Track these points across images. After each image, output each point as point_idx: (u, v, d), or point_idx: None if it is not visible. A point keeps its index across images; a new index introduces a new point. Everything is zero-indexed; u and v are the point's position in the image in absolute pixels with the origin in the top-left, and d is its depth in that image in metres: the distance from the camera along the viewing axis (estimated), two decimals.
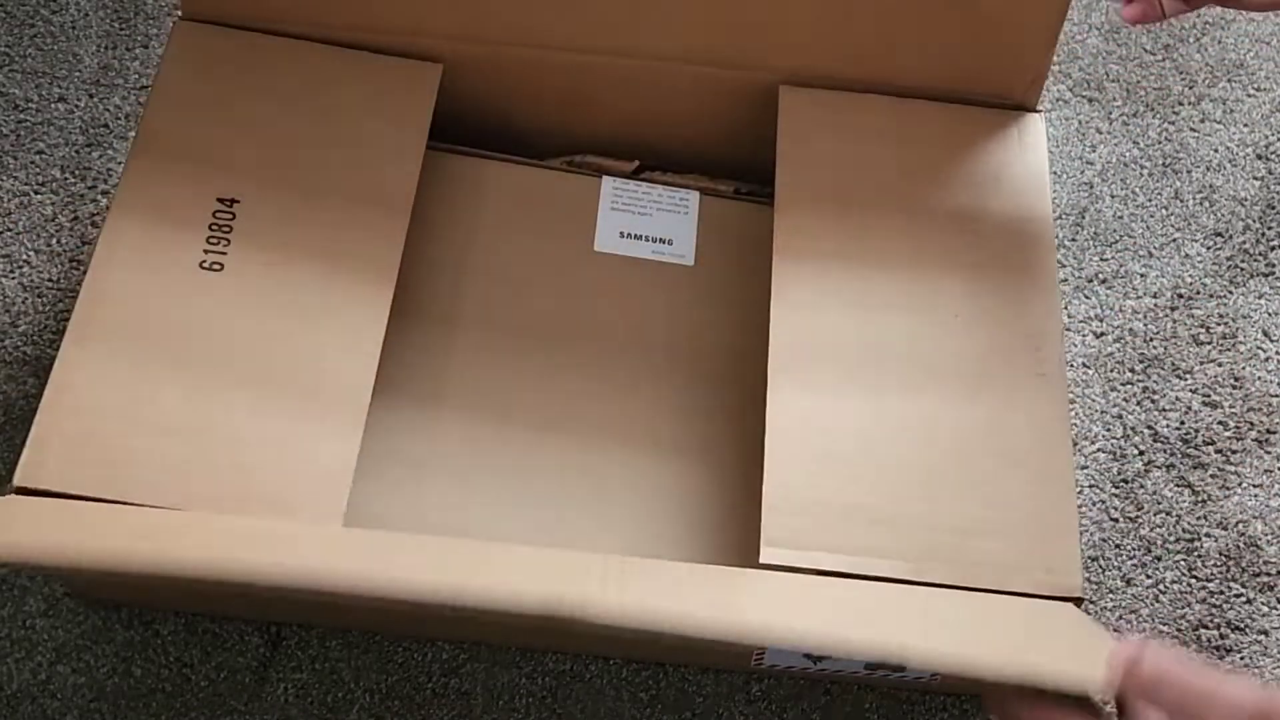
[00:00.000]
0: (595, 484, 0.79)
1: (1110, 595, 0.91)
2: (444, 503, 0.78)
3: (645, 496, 0.80)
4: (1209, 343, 1.00)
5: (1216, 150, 1.10)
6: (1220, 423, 0.97)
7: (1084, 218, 1.06)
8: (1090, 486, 0.94)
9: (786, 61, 0.86)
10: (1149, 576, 0.92)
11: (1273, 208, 1.07)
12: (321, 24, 0.84)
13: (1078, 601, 0.71)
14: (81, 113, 1.01)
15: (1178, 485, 0.95)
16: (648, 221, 0.89)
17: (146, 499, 0.68)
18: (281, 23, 0.83)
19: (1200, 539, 0.93)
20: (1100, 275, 1.03)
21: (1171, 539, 0.93)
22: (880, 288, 0.80)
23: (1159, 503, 0.94)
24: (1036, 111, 0.87)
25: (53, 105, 1.01)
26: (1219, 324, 1.01)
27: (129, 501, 0.67)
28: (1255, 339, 1.00)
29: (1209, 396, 0.98)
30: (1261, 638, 0.90)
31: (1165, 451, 0.96)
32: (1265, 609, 0.91)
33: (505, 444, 0.80)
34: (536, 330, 0.83)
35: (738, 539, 0.79)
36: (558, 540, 0.77)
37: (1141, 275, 1.03)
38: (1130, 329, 1.01)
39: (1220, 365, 0.99)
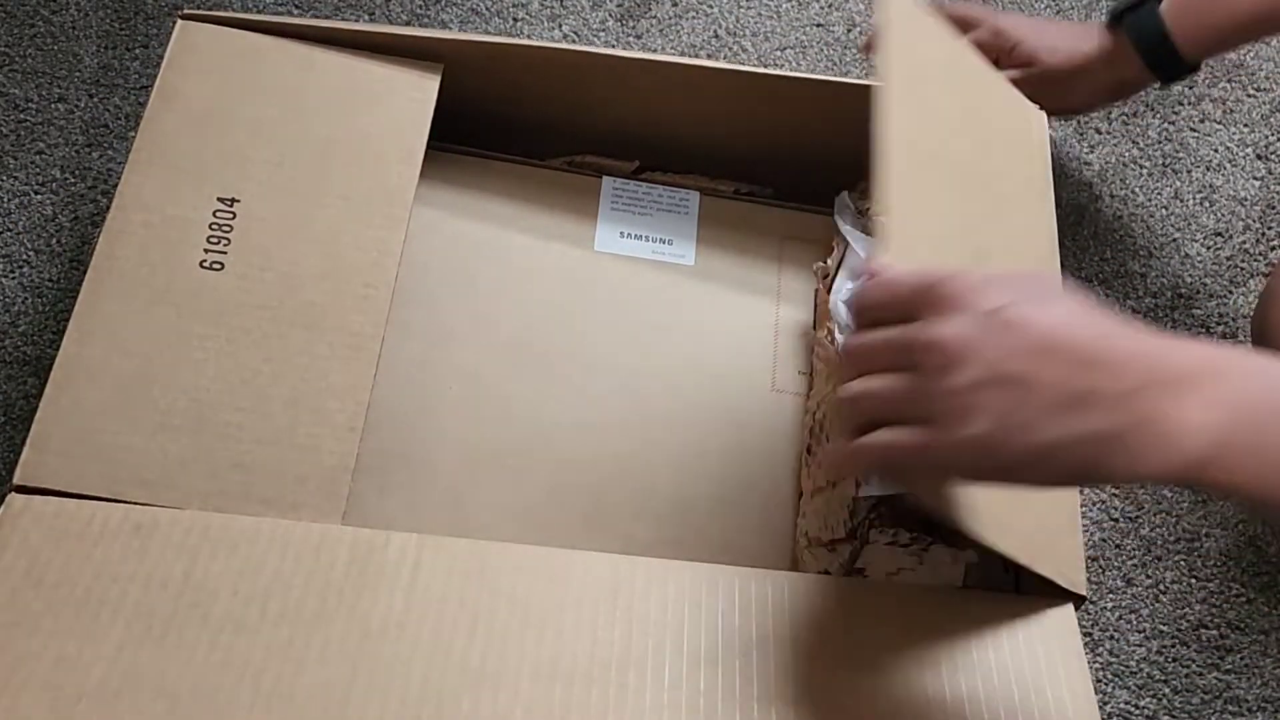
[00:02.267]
0: (593, 484, 0.79)
1: (1111, 595, 0.91)
2: (443, 503, 0.78)
3: (643, 497, 0.80)
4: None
5: (1216, 150, 1.10)
6: None
7: (1084, 218, 1.06)
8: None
9: None
10: (1149, 576, 0.92)
11: (1273, 208, 1.07)
12: (323, 24, 0.84)
13: (1079, 601, 0.71)
14: (81, 113, 1.01)
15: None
16: (648, 221, 0.89)
17: (146, 498, 0.68)
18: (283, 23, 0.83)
19: (1200, 539, 0.93)
20: (1100, 275, 1.03)
21: (1171, 539, 0.93)
22: None
23: (1159, 503, 0.94)
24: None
25: (53, 105, 1.01)
26: (1219, 324, 1.01)
27: (129, 501, 0.67)
28: None
29: None
30: (1261, 638, 0.90)
31: None
32: (1265, 609, 0.91)
33: (504, 444, 0.80)
34: (536, 330, 0.83)
35: (737, 540, 0.79)
36: (556, 541, 0.77)
37: (1141, 275, 1.03)
38: None
39: None
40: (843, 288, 0.84)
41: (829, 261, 0.86)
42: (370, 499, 0.77)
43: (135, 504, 0.67)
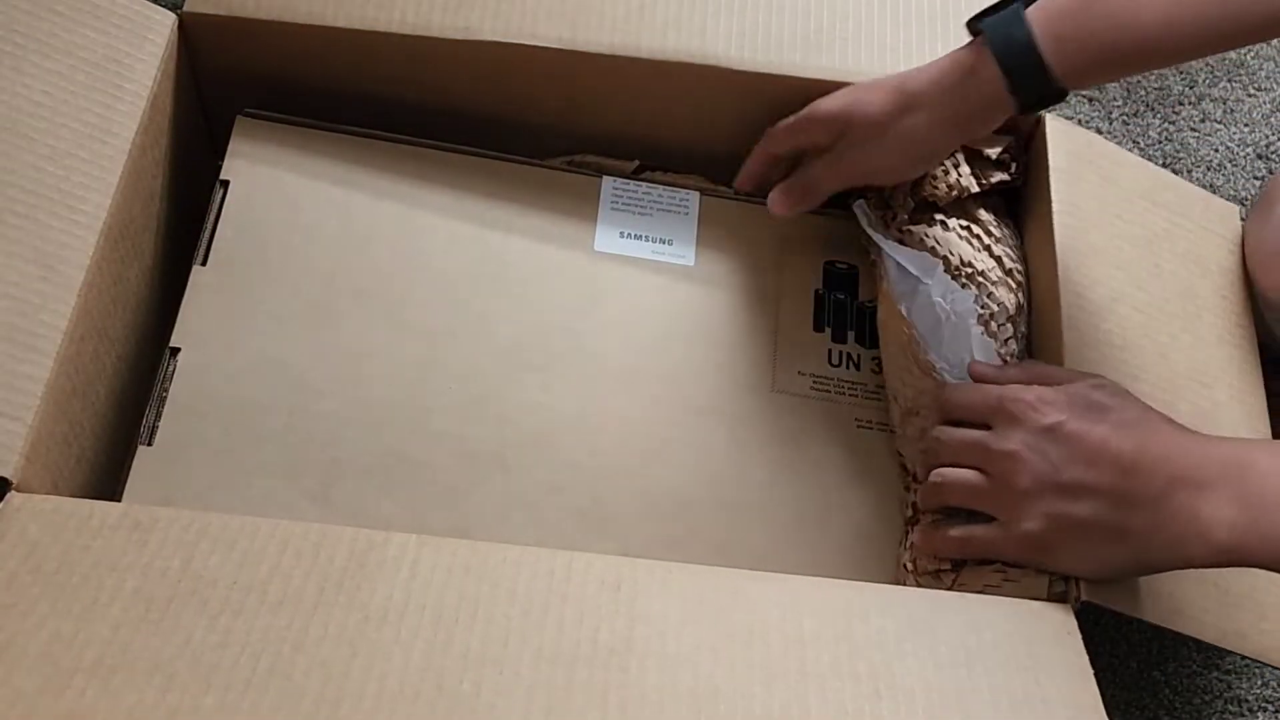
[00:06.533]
0: (593, 486, 0.79)
1: None
2: (442, 503, 0.77)
3: (643, 498, 0.79)
4: None
5: (1217, 150, 1.10)
6: None
7: None
8: None
9: None
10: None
11: None
12: (325, 25, 0.84)
13: (1077, 603, 0.71)
14: None
15: None
16: (648, 221, 0.89)
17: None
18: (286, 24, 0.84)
19: None
20: None
21: None
22: None
23: None
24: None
25: None
26: None
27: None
28: None
29: None
30: None
31: None
32: None
33: (503, 445, 0.80)
34: (536, 331, 0.83)
35: (736, 541, 0.79)
36: (555, 542, 0.77)
37: None
38: None
39: None
40: (915, 298, 0.82)
41: (883, 284, 0.85)
42: (369, 499, 0.77)
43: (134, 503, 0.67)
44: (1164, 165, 1.08)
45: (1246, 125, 1.11)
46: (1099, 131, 1.10)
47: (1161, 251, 0.88)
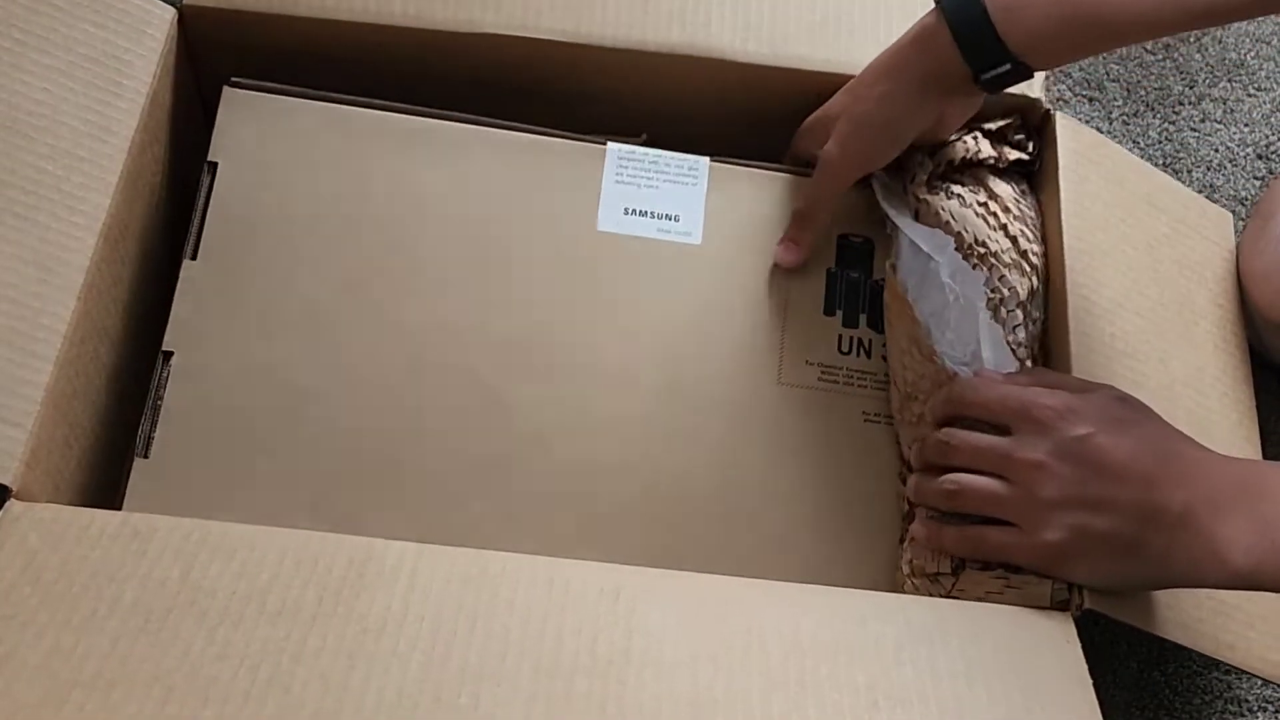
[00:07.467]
0: (591, 488, 0.79)
1: None
2: (440, 507, 0.77)
3: (643, 500, 0.79)
4: None
5: (1217, 150, 1.10)
6: None
7: None
8: None
9: None
10: None
11: None
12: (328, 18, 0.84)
13: (1080, 610, 0.71)
14: None
15: None
16: (654, 195, 0.86)
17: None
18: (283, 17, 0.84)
19: None
20: None
21: None
22: None
23: None
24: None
25: None
26: None
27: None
28: None
29: None
30: None
31: None
32: None
33: (500, 448, 0.79)
34: (535, 325, 0.82)
35: (737, 543, 0.79)
36: (554, 547, 0.76)
37: None
38: None
39: None
40: (925, 276, 0.82)
41: (890, 264, 0.84)
42: (367, 507, 0.76)
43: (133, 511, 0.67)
44: (1164, 165, 1.08)
45: (1246, 125, 1.11)
46: (1098, 131, 1.09)
47: (1161, 256, 0.88)
